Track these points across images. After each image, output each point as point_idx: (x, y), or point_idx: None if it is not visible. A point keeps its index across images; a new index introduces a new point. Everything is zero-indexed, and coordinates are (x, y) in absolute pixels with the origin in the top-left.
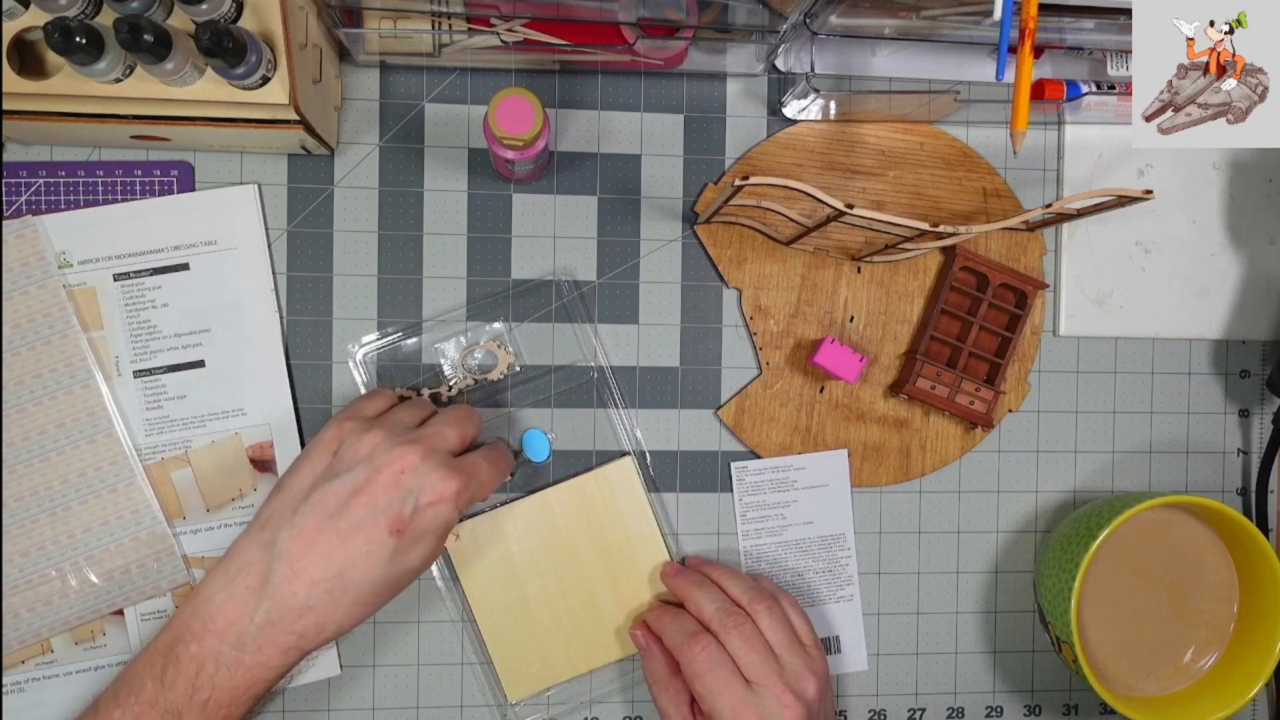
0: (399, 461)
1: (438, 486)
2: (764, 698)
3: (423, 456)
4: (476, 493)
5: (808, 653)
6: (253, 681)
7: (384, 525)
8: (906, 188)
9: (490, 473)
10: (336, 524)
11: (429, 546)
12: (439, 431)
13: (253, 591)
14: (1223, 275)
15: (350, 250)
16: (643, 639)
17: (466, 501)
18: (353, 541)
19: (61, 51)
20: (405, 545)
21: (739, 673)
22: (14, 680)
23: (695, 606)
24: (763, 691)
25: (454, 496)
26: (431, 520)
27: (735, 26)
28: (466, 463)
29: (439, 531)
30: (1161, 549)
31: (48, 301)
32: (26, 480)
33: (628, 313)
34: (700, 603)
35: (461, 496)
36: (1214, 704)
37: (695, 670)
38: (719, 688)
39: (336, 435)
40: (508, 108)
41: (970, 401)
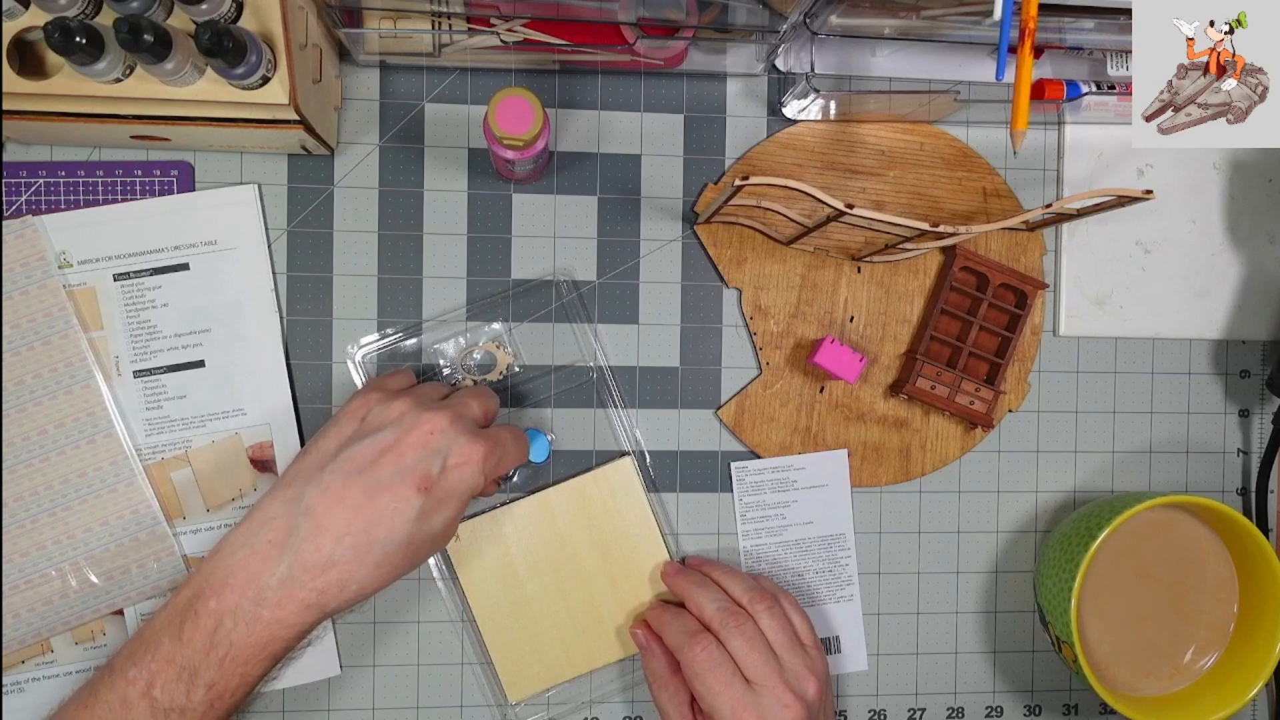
0: (428, 424)
1: (465, 449)
2: (764, 698)
3: (451, 421)
4: (502, 461)
5: (808, 653)
6: (270, 639)
7: (412, 483)
8: (906, 188)
9: (513, 444)
10: (364, 480)
11: (453, 510)
12: (464, 402)
13: (275, 546)
14: (1223, 275)
15: (350, 250)
16: (643, 638)
17: (492, 469)
18: (380, 498)
19: (61, 51)
20: (431, 505)
21: (739, 672)
22: (14, 680)
23: (696, 606)
24: (763, 691)
25: (481, 459)
26: (458, 482)
27: (735, 26)
28: (492, 431)
29: (464, 495)
30: (1161, 549)
31: (48, 301)
32: (26, 480)
33: (628, 313)
34: (701, 602)
35: (489, 461)
36: (1214, 704)
37: (695, 670)
38: (719, 688)
39: (363, 404)
40: (508, 108)
41: (970, 401)
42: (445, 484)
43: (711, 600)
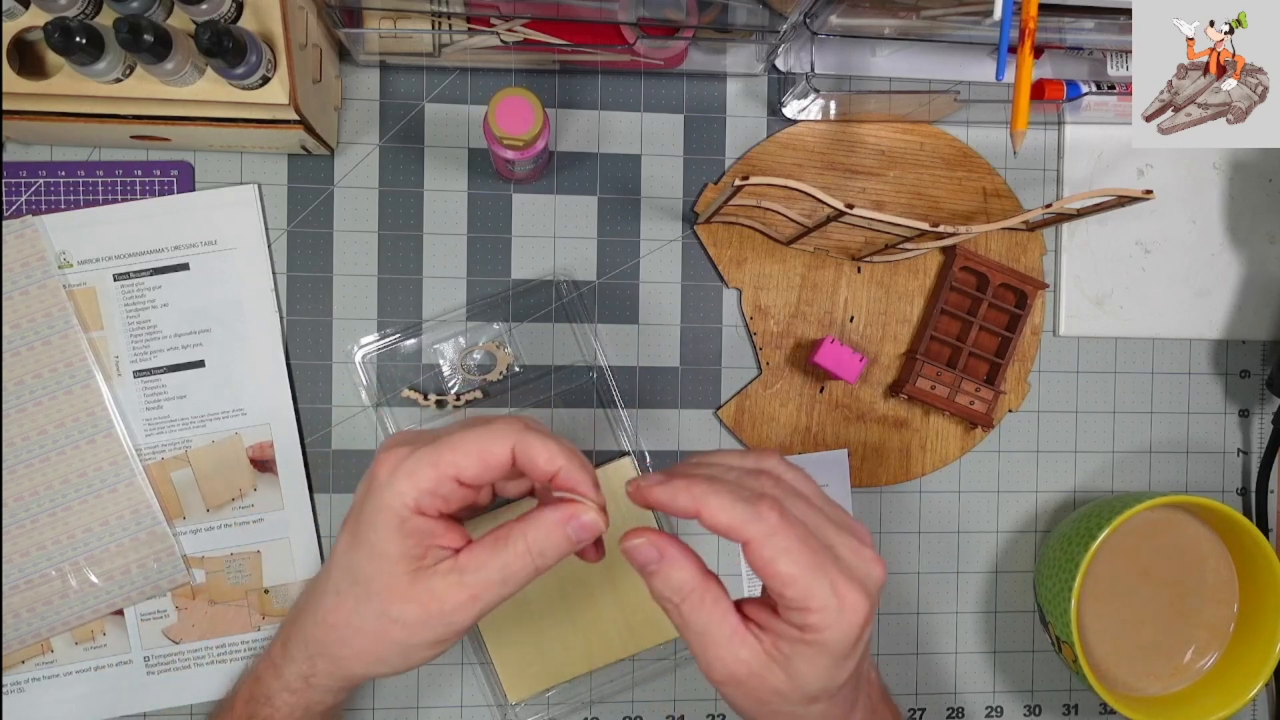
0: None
1: (375, 459)
2: (850, 559)
3: (394, 436)
4: (423, 463)
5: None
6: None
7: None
8: (906, 188)
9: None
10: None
11: (376, 542)
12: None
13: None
14: (1223, 275)
15: (350, 250)
16: (651, 547)
17: (408, 473)
18: (341, 537)
19: (61, 51)
20: (348, 536)
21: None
22: (14, 680)
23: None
24: (844, 551)
25: (382, 465)
26: (367, 497)
27: (735, 26)
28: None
29: (384, 521)
30: (1161, 549)
31: (48, 301)
32: (26, 480)
33: (628, 313)
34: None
35: (392, 463)
36: (1214, 704)
37: (771, 536)
38: (806, 554)
39: None
40: (508, 108)
41: (970, 401)
42: (358, 505)
43: (734, 477)
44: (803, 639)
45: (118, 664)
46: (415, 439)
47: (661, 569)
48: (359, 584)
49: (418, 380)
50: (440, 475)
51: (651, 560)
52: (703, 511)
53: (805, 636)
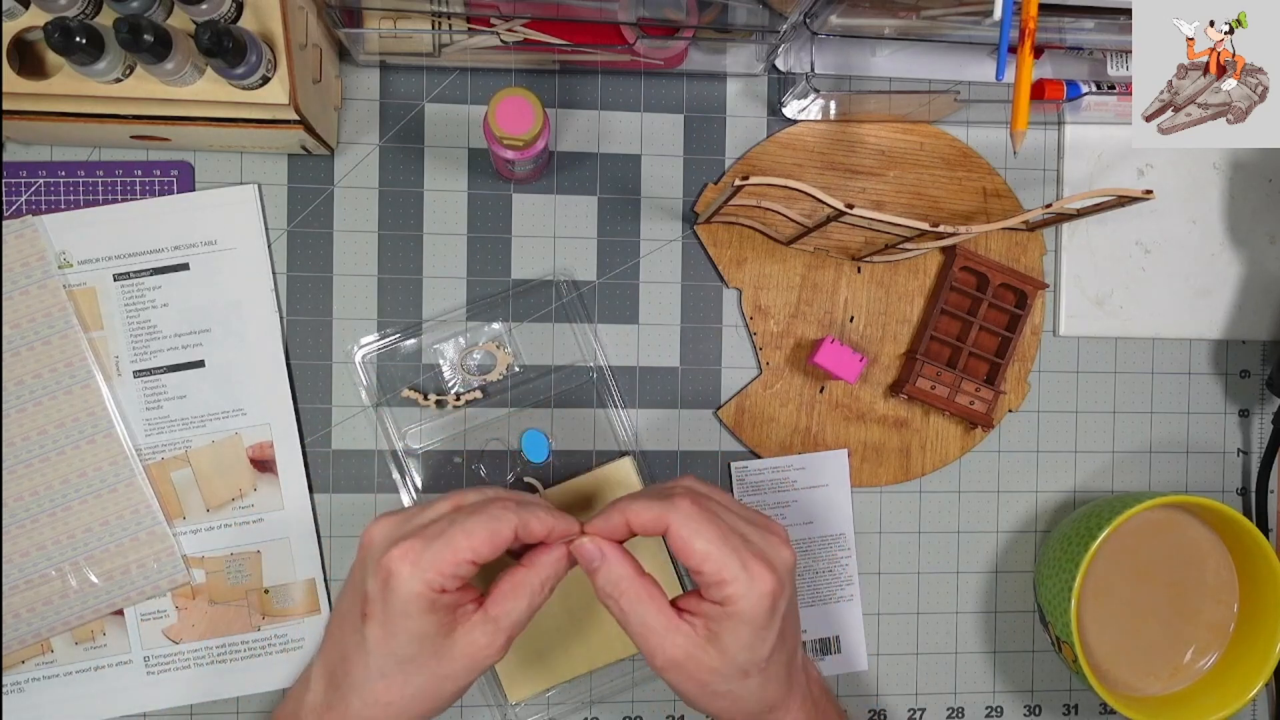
0: (364, 538)
1: (380, 557)
2: (759, 542)
3: (384, 528)
4: (442, 551)
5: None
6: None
7: (359, 610)
8: (906, 188)
9: (466, 528)
10: (338, 613)
11: (410, 630)
12: (430, 503)
13: (302, 685)
14: (1223, 275)
15: (350, 250)
16: (593, 547)
17: (432, 565)
18: (345, 631)
19: (61, 51)
20: (377, 630)
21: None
22: (14, 680)
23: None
24: (753, 535)
25: (398, 561)
26: (390, 596)
27: (735, 26)
28: (430, 525)
29: (410, 610)
30: (1161, 549)
31: (48, 301)
32: (26, 480)
33: (628, 313)
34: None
35: (411, 559)
36: (1214, 704)
37: (690, 522)
38: (720, 537)
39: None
40: (508, 108)
41: (970, 401)
42: (378, 605)
43: (651, 491)
44: (724, 612)
45: (118, 664)
46: (406, 522)
47: (603, 567)
48: (406, 662)
49: (418, 380)
50: (459, 561)
51: (594, 558)
52: (629, 516)
53: (725, 609)
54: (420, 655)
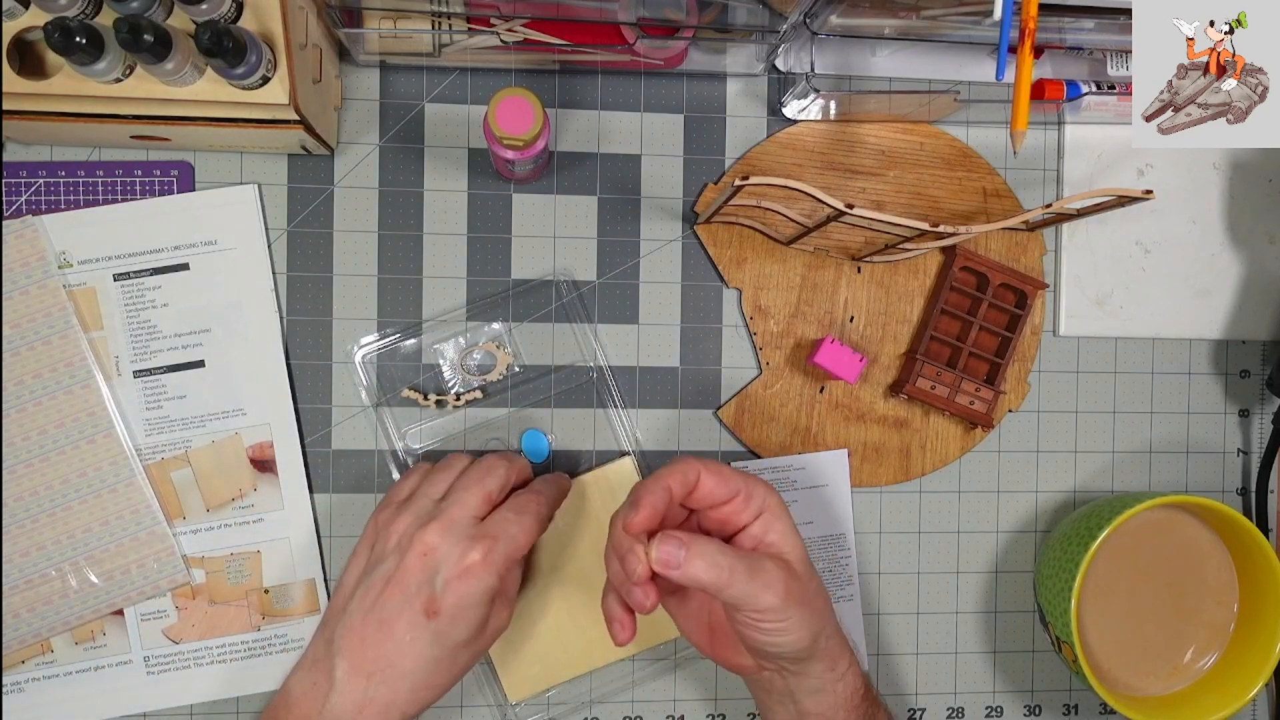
0: (419, 544)
1: (461, 560)
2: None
3: (442, 533)
4: (511, 550)
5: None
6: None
7: (419, 608)
8: (906, 188)
9: (521, 523)
10: (378, 615)
11: (472, 619)
12: (460, 500)
13: (320, 686)
14: (1223, 275)
15: (350, 250)
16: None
17: (503, 561)
18: (395, 630)
19: (61, 51)
20: (444, 624)
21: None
22: (14, 680)
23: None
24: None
25: (480, 565)
26: (465, 594)
27: (735, 26)
28: (490, 526)
29: (480, 600)
30: (1161, 549)
31: (48, 301)
32: (26, 480)
33: (628, 313)
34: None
35: (492, 562)
36: (1214, 704)
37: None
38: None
39: (373, 528)
40: (508, 108)
41: (970, 401)
42: (451, 599)
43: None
44: (763, 522)
45: (118, 664)
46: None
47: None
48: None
49: (418, 380)
50: (519, 556)
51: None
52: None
53: (763, 519)
54: (470, 638)
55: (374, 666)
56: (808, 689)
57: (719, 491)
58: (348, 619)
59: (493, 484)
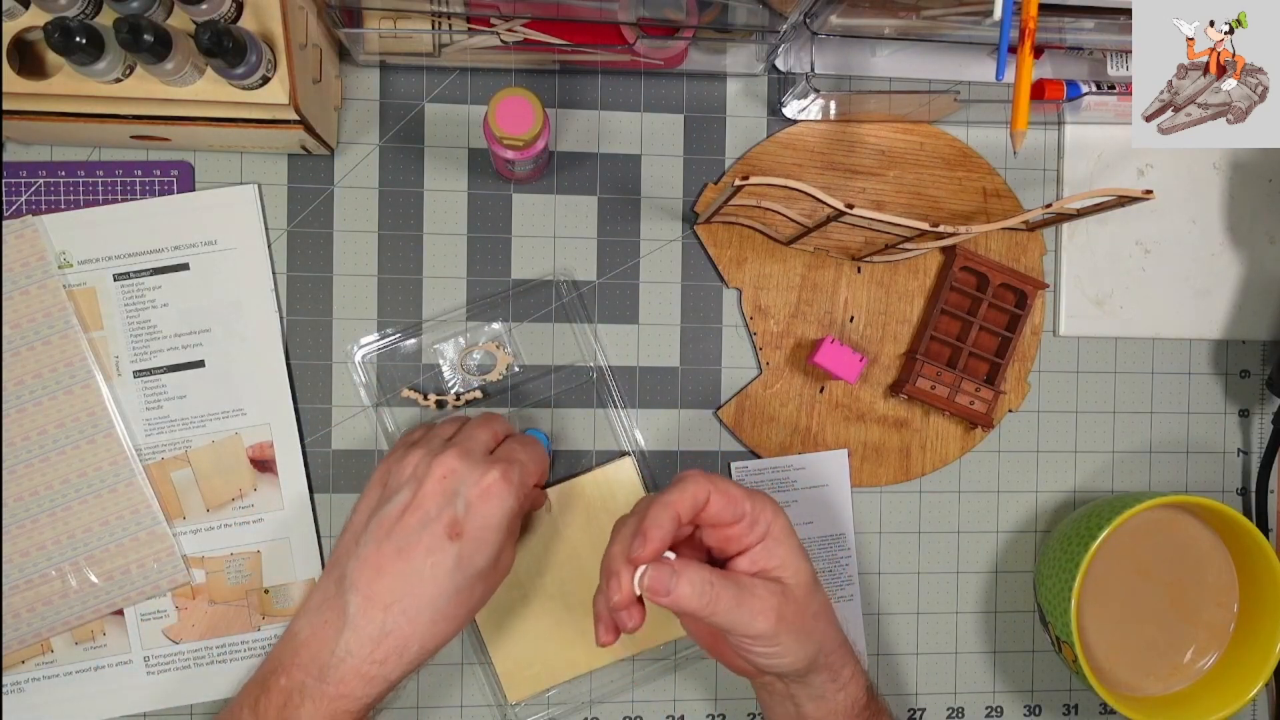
0: (439, 469)
1: (481, 480)
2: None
3: (460, 458)
4: (524, 475)
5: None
6: (335, 713)
7: (440, 531)
8: (906, 188)
9: (528, 453)
10: (395, 542)
11: (493, 542)
12: (470, 435)
13: (332, 625)
14: (1223, 275)
15: (350, 250)
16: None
17: (520, 485)
18: (414, 556)
19: (61, 51)
20: (469, 547)
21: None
22: (14, 680)
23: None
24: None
25: (501, 483)
26: (488, 514)
27: (735, 26)
28: (502, 451)
29: (500, 524)
30: (1161, 549)
31: (48, 301)
32: (26, 480)
33: (628, 313)
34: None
35: (510, 481)
36: (1214, 704)
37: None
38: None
39: (384, 469)
40: (508, 108)
41: (970, 401)
42: (475, 520)
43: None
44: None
45: (118, 664)
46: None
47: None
48: (477, 577)
49: (418, 380)
50: (534, 482)
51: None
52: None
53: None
54: (488, 567)
55: (391, 597)
56: (809, 695)
57: (725, 514)
58: (361, 551)
59: (499, 426)
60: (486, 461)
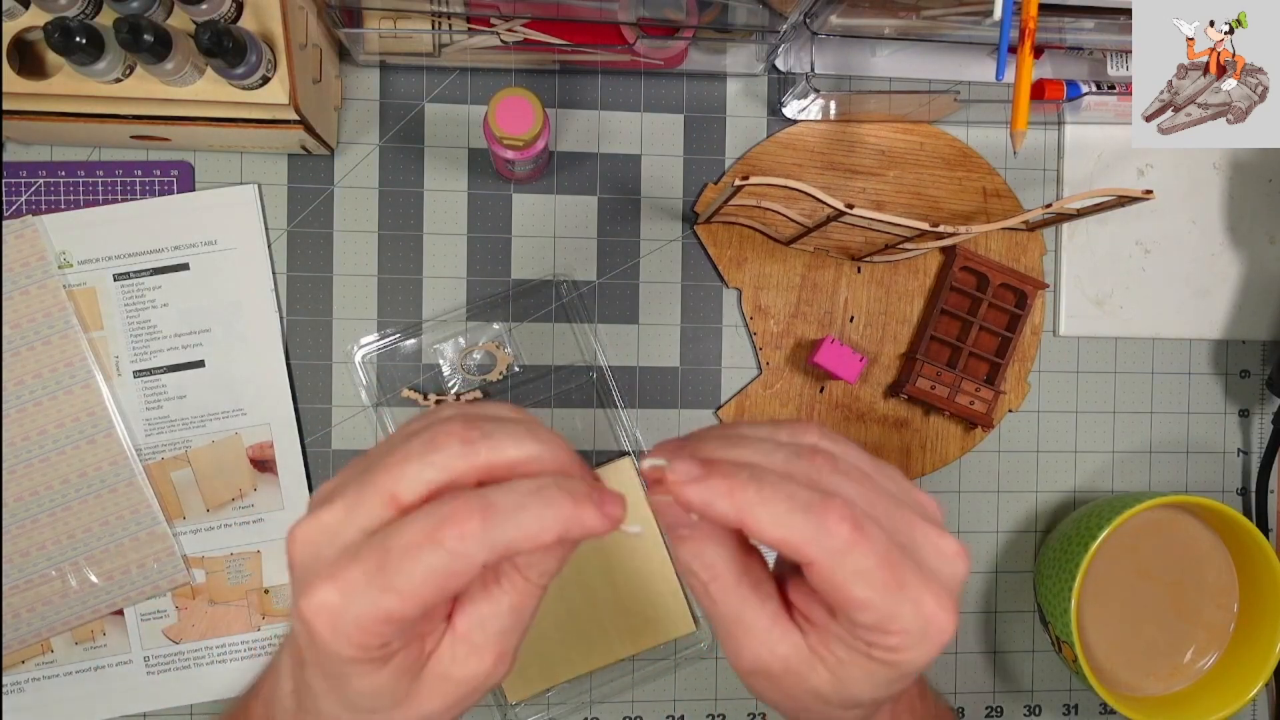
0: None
1: (304, 604)
2: (928, 559)
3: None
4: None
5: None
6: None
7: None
8: (906, 188)
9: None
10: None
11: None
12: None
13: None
14: (1223, 275)
15: (350, 250)
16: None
17: (357, 627)
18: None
19: (61, 51)
20: (317, 679)
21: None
22: (14, 680)
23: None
24: (924, 550)
25: (316, 614)
26: (318, 651)
27: (735, 26)
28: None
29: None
30: (1161, 549)
31: (48, 301)
32: (26, 480)
33: (628, 313)
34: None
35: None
36: (1214, 704)
37: (836, 548)
38: (876, 567)
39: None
40: (508, 108)
41: (970, 401)
42: (313, 654)
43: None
44: (868, 654)
45: (118, 664)
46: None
47: (694, 538)
48: (367, 714)
49: (418, 380)
50: (393, 620)
51: (682, 524)
52: (749, 523)
53: (873, 653)
54: (383, 706)
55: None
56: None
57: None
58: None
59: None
60: (323, 564)
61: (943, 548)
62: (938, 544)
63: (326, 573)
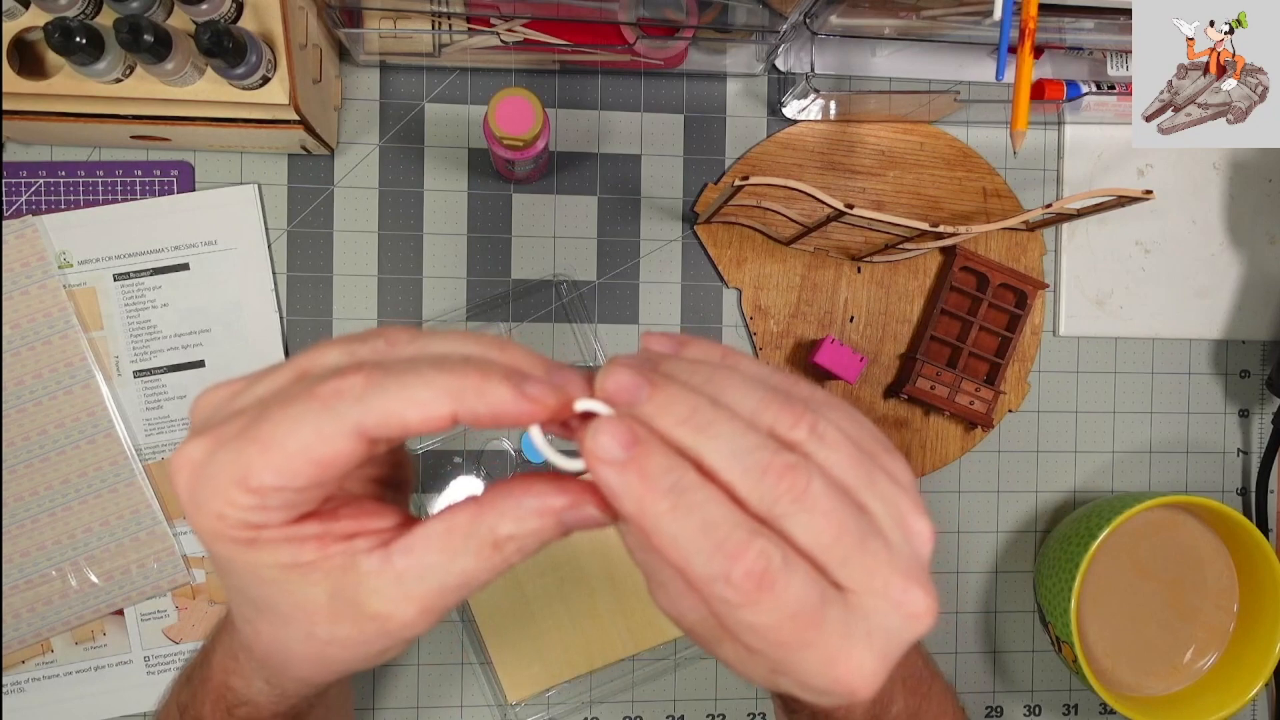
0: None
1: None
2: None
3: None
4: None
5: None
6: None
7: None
8: (906, 188)
9: (288, 414)
10: None
11: (233, 567)
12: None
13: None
14: (1223, 275)
15: (350, 250)
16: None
17: (216, 489)
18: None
19: (61, 51)
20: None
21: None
22: (14, 680)
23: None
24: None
25: (179, 470)
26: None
27: (735, 26)
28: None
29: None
30: (1161, 549)
31: (48, 301)
32: (26, 480)
33: (628, 313)
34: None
35: (190, 472)
36: (1214, 704)
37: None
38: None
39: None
40: (508, 108)
41: (970, 401)
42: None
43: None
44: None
45: (118, 664)
46: (231, 398)
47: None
48: (264, 610)
49: None
50: (255, 491)
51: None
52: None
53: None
54: (280, 604)
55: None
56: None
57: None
58: None
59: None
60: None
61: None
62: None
63: (203, 429)
